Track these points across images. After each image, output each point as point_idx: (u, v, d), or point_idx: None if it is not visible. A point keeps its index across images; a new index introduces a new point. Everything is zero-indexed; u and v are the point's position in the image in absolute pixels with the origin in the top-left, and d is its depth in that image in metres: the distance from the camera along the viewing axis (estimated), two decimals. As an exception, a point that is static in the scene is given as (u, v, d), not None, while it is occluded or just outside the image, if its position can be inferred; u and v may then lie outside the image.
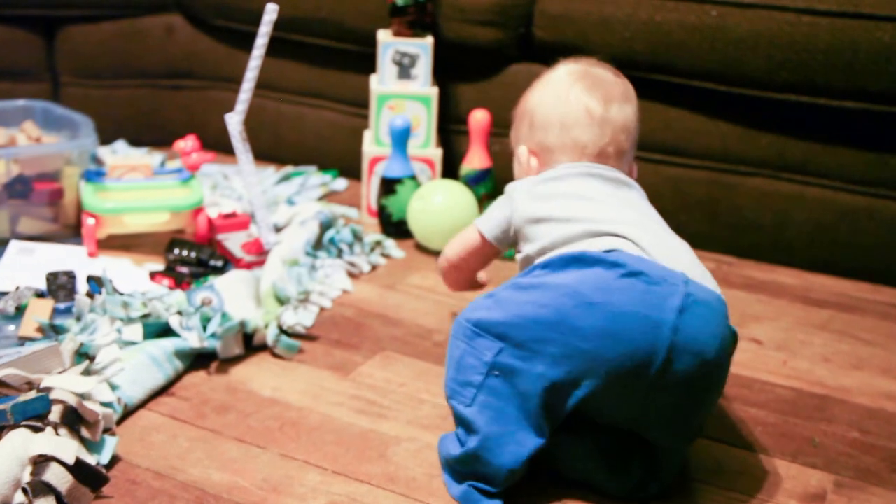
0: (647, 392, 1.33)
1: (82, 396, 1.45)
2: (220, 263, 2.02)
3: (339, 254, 2.15)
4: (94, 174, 2.15)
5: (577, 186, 1.55)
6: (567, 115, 1.61)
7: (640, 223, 1.47)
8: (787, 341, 1.91)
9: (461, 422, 1.41)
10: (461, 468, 1.41)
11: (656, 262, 1.38)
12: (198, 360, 1.73)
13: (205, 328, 1.73)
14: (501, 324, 1.37)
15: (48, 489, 1.30)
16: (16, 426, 1.37)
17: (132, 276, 1.98)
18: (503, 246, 1.66)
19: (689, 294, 1.34)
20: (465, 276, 1.79)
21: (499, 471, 1.37)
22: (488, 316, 1.39)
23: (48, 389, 1.43)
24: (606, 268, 1.35)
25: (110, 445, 1.45)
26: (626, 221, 1.46)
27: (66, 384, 1.44)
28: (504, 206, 1.63)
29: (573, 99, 1.62)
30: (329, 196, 2.54)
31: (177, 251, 2.03)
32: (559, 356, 1.33)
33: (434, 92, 2.36)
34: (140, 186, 2.15)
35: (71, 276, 1.86)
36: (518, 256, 1.59)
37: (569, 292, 1.34)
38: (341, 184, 2.60)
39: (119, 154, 2.65)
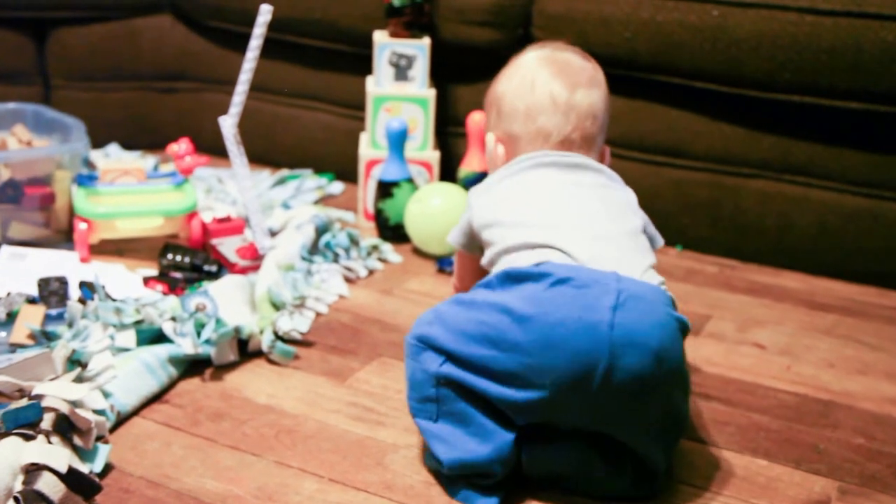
0: (600, 394, 1.33)
1: (74, 404, 1.44)
2: (214, 268, 2.02)
3: (336, 258, 2.15)
4: (87, 178, 2.15)
5: (529, 182, 1.57)
6: (532, 102, 1.62)
7: (577, 226, 1.49)
8: (791, 346, 1.91)
9: (432, 436, 1.44)
10: (452, 474, 1.42)
11: (585, 267, 1.40)
12: (192, 366, 1.73)
13: (199, 334, 1.73)
14: (441, 343, 1.41)
15: (40, 498, 1.30)
16: (7, 434, 1.37)
17: (125, 281, 1.98)
18: (473, 251, 1.66)
19: (620, 290, 1.34)
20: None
21: (488, 467, 1.39)
22: (429, 331, 1.43)
23: (40, 397, 1.43)
24: (535, 281, 1.37)
25: (103, 454, 1.44)
26: (560, 228, 1.48)
27: (58, 391, 1.44)
28: (466, 212, 1.64)
29: (538, 85, 1.63)
30: (325, 200, 2.54)
31: (170, 256, 2.03)
32: (503, 373, 1.36)
33: (431, 94, 2.36)
34: (133, 191, 2.15)
35: (63, 281, 1.86)
36: (483, 263, 1.60)
37: (503, 309, 1.36)
38: (337, 187, 2.60)
39: (111, 158, 2.65)
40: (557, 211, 1.52)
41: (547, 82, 1.62)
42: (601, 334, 1.31)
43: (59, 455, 1.35)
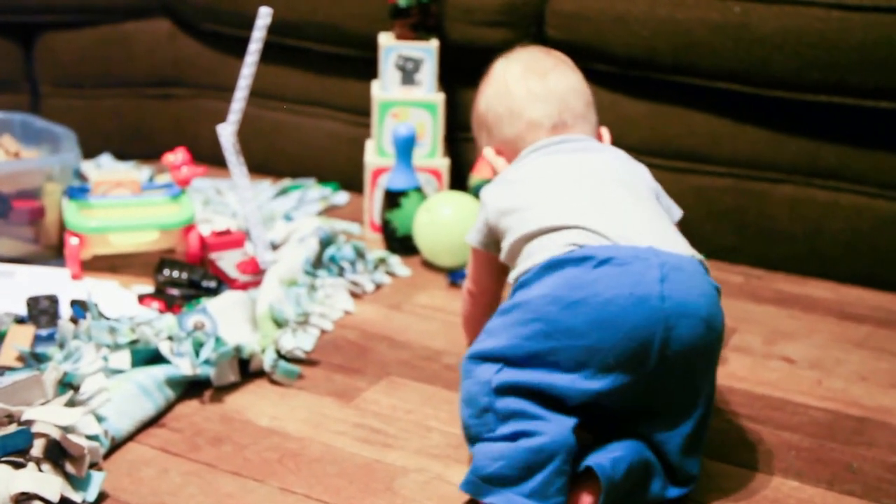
0: (658, 367, 1.40)
1: (66, 429, 1.45)
2: (213, 284, 2.02)
3: (341, 272, 2.15)
4: (78, 191, 2.15)
5: (540, 169, 1.64)
6: (511, 102, 1.71)
7: (600, 204, 1.54)
8: (822, 359, 1.91)
9: (492, 442, 1.44)
10: (513, 473, 1.42)
11: (621, 245, 1.45)
12: (190, 388, 1.73)
13: (197, 354, 1.73)
14: (495, 350, 1.45)
15: (31, 529, 1.30)
16: (-4, 462, 1.38)
17: (119, 299, 1.98)
18: (491, 249, 1.68)
19: (662, 264, 1.42)
20: (487, 303, 1.78)
21: (552, 454, 1.40)
22: (482, 346, 1.48)
23: (30, 422, 1.43)
24: (576, 265, 1.43)
25: (97, 481, 1.45)
26: (584, 208, 1.53)
27: (49, 416, 1.45)
28: (481, 210, 1.68)
29: (511, 84, 1.72)
30: (329, 211, 2.54)
31: (167, 272, 2.03)
32: (563, 361, 1.41)
33: (440, 98, 2.36)
34: (127, 203, 2.15)
35: (53, 300, 1.86)
36: (501, 258, 1.63)
37: (549, 300, 1.42)
38: (342, 197, 2.61)
39: (104, 169, 2.66)
40: (577, 192, 1.57)
41: (518, 79, 1.72)
42: (654, 307, 1.39)
43: (50, 483, 1.35)
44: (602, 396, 1.42)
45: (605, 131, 1.77)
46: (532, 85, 1.70)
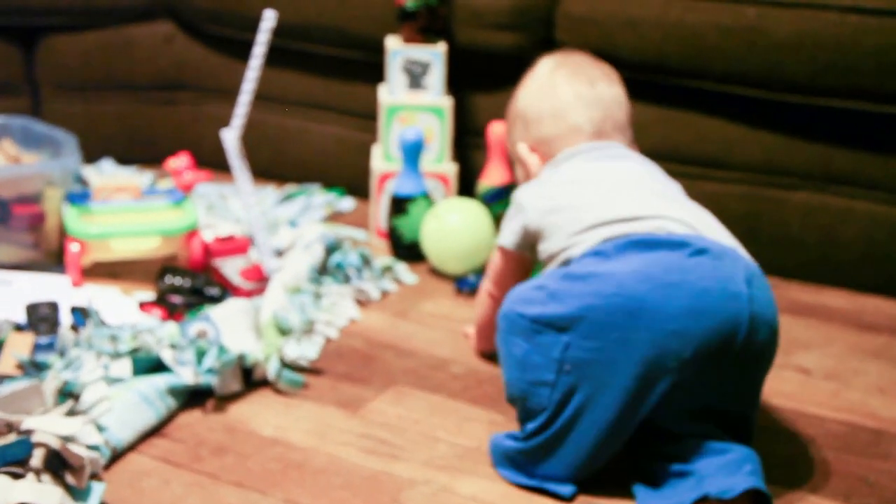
0: (733, 363, 1.46)
1: (66, 439, 1.44)
2: (216, 292, 2.02)
3: (346, 279, 2.15)
4: (79, 196, 2.15)
5: (584, 171, 1.68)
6: (557, 102, 1.76)
7: (667, 196, 1.61)
8: (838, 370, 1.90)
9: (532, 415, 1.50)
10: (531, 457, 1.51)
11: (709, 238, 1.50)
12: (192, 397, 1.73)
13: (200, 363, 1.72)
14: (564, 317, 1.46)
15: (30, 541, 1.30)
16: (-6, 472, 1.37)
17: (120, 306, 1.98)
18: (528, 252, 1.71)
19: (747, 265, 1.50)
20: None
21: (610, 434, 1.47)
22: (545, 310, 1.48)
23: (29, 432, 1.43)
24: (672, 248, 1.48)
25: (97, 492, 1.44)
26: (654, 199, 1.59)
27: (48, 426, 1.44)
28: (515, 213, 1.70)
29: (559, 86, 1.77)
30: (335, 217, 2.54)
31: (169, 279, 2.03)
32: (644, 342, 1.44)
33: (448, 102, 2.36)
34: (128, 209, 2.15)
35: (53, 307, 1.86)
36: (541, 257, 1.66)
37: (640, 277, 1.45)
38: (348, 203, 2.60)
39: (105, 174, 2.65)
40: (638, 189, 1.62)
41: (567, 81, 1.77)
42: (743, 306, 1.45)
43: (50, 494, 1.35)
44: (670, 388, 1.45)
45: (636, 149, 1.80)
46: (580, 89, 1.75)
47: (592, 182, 1.65)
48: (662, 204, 1.58)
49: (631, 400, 1.44)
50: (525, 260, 1.74)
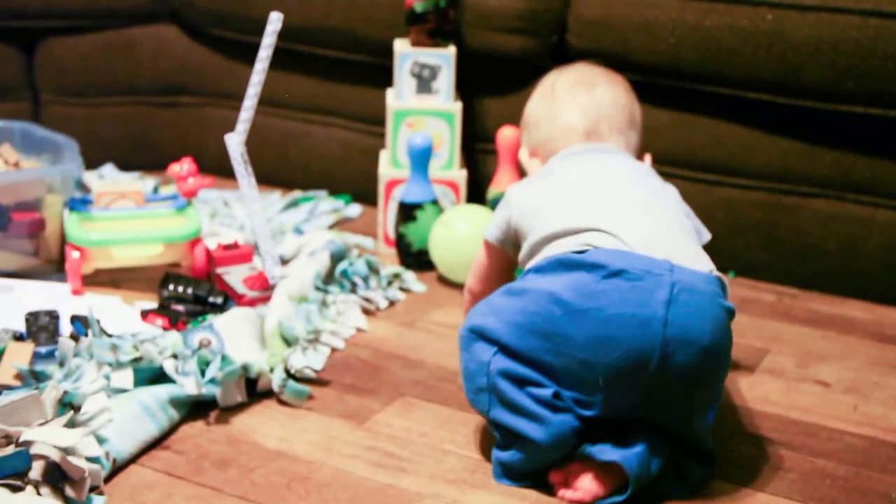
0: (650, 386, 1.46)
1: (66, 451, 1.44)
2: (219, 300, 2.02)
3: (353, 288, 2.14)
4: (80, 202, 2.15)
5: (567, 171, 1.72)
6: (553, 104, 1.84)
7: (623, 207, 1.61)
8: (858, 383, 1.90)
9: (493, 426, 1.56)
10: (512, 465, 1.55)
11: (637, 254, 1.49)
12: (195, 408, 1.73)
13: (203, 373, 1.72)
14: (495, 331, 1.52)
15: (28, 555, 1.30)
16: (-8, 485, 1.37)
17: (122, 315, 1.98)
18: (507, 246, 1.77)
19: (674, 283, 1.46)
20: None
21: (547, 453, 1.51)
22: (482, 322, 1.55)
23: (28, 444, 1.43)
24: (587, 271, 1.48)
25: (98, 506, 1.44)
26: (605, 210, 1.59)
27: (48, 437, 1.44)
28: (503, 206, 1.76)
29: (558, 89, 1.85)
30: (341, 224, 2.54)
31: (171, 287, 2.03)
32: (555, 365, 1.49)
33: (457, 107, 2.36)
34: (130, 216, 2.15)
35: (53, 316, 1.86)
36: (519, 259, 1.71)
37: (554, 299, 1.48)
38: (355, 210, 2.60)
39: (107, 180, 2.66)
40: (600, 194, 1.65)
41: (566, 87, 1.85)
42: (654, 331, 1.43)
43: (49, 507, 1.35)
44: (593, 407, 1.49)
45: (647, 157, 1.85)
46: (577, 92, 1.82)
47: (566, 183, 1.69)
48: (612, 212, 1.59)
49: (552, 408, 1.50)
50: (506, 257, 1.79)
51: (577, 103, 1.81)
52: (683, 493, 1.53)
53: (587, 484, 1.50)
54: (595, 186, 1.67)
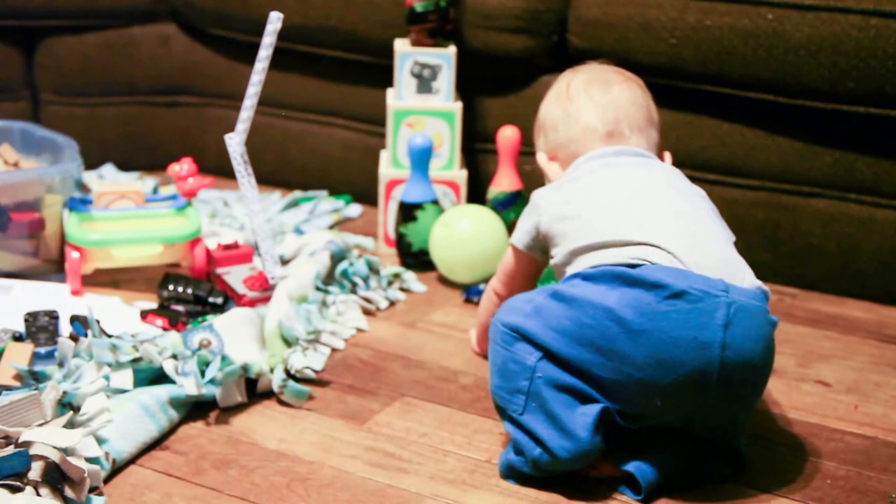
0: (703, 404, 1.49)
1: (66, 451, 1.44)
2: (219, 300, 2.02)
3: (353, 288, 2.15)
4: (79, 202, 2.15)
5: (601, 177, 1.69)
6: (570, 106, 1.79)
7: (669, 220, 1.60)
8: (859, 383, 1.90)
9: (515, 429, 1.55)
10: (535, 471, 1.55)
11: (694, 273, 1.49)
12: (195, 409, 1.73)
13: (203, 373, 1.72)
14: (539, 335, 1.52)
15: (28, 556, 1.30)
16: (-8, 485, 1.37)
17: (121, 315, 1.98)
18: (536, 252, 1.75)
19: (730, 304, 1.47)
20: None
21: (570, 463, 1.52)
22: (525, 324, 1.54)
23: (28, 444, 1.43)
24: (647, 290, 1.47)
25: (97, 506, 1.45)
26: (654, 223, 1.59)
27: (47, 438, 1.44)
28: (530, 213, 1.74)
29: (574, 91, 1.81)
30: (341, 224, 2.54)
31: (171, 287, 2.03)
32: (609, 381, 1.49)
33: (458, 107, 2.36)
34: (130, 216, 2.15)
35: (53, 316, 1.86)
36: (552, 262, 1.69)
37: (612, 316, 1.47)
38: (355, 210, 2.61)
39: (107, 180, 2.66)
40: (645, 205, 1.63)
41: (582, 87, 1.80)
42: (713, 355, 1.45)
43: (48, 508, 1.35)
44: (642, 421, 1.52)
45: (668, 155, 1.84)
46: (594, 92, 1.78)
47: (604, 191, 1.67)
48: (661, 225, 1.58)
49: (587, 420, 1.51)
50: (534, 263, 1.78)
51: (595, 103, 1.77)
52: (694, 489, 1.56)
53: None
54: (637, 196, 1.65)
